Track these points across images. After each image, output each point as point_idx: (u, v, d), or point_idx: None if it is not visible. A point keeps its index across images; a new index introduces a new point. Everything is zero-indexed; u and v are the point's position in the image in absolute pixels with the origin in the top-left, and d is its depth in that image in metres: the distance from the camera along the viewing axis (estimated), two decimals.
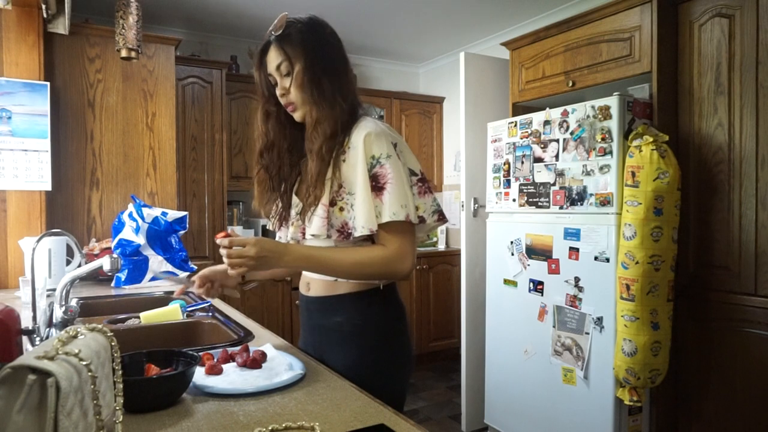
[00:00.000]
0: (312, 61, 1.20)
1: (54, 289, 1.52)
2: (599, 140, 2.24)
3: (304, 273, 1.34)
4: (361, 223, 1.14)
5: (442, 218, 1.23)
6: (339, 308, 1.24)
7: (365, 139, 1.16)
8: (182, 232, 2.47)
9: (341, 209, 1.19)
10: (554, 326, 2.45)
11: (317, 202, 1.18)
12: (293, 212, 1.29)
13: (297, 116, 1.24)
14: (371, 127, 1.18)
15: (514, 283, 2.68)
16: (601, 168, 2.24)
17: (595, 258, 2.27)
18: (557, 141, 2.44)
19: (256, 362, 1.11)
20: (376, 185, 1.15)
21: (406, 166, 1.19)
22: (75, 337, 0.72)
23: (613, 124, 2.19)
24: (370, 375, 1.19)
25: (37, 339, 1.26)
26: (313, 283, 1.29)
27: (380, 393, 1.04)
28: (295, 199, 1.30)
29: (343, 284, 1.23)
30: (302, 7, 3.40)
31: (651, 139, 2.06)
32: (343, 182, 1.18)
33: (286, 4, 3.35)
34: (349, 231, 1.17)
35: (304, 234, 1.24)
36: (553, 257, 2.46)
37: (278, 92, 1.23)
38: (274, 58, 1.22)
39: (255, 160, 1.33)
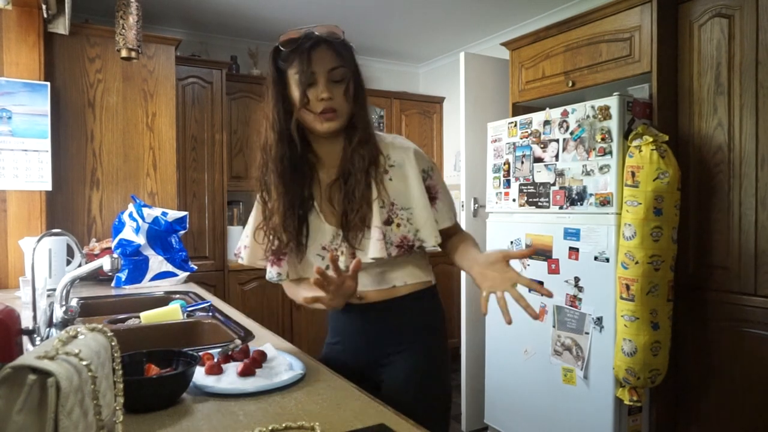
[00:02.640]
0: (360, 77, 1.18)
1: (54, 289, 1.52)
2: (599, 140, 2.24)
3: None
4: (428, 237, 1.17)
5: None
6: (401, 311, 1.23)
7: (415, 155, 1.19)
8: (182, 232, 2.47)
9: (398, 225, 1.18)
10: (554, 326, 2.45)
11: (368, 225, 1.16)
12: (327, 240, 1.21)
13: (329, 126, 1.14)
14: (407, 142, 1.23)
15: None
16: (601, 168, 2.24)
17: (595, 258, 2.27)
18: (557, 141, 2.44)
19: (256, 362, 1.11)
20: (431, 196, 1.20)
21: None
22: (75, 337, 0.72)
23: (613, 124, 2.19)
24: (435, 375, 1.21)
25: (37, 339, 1.26)
26: (369, 295, 1.23)
27: (443, 393, 1.14)
28: (327, 227, 1.21)
29: (401, 287, 1.23)
30: (302, 6, 3.40)
31: (651, 139, 2.06)
32: (394, 200, 1.18)
33: (287, 4, 3.35)
34: (410, 244, 1.18)
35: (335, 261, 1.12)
36: (553, 257, 2.46)
37: (322, 95, 1.11)
38: (329, 59, 1.12)
39: (257, 175, 1.22)
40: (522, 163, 2.64)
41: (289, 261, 1.23)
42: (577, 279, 2.35)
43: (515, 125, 2.68)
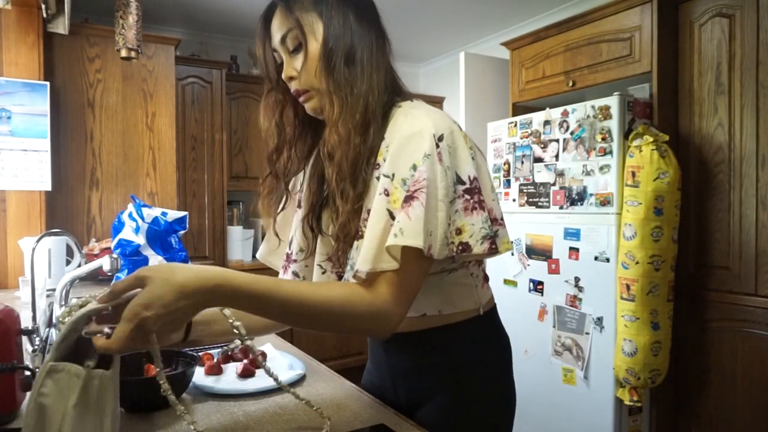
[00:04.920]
0: (334, 30, 0.87)
1: (53, 289, 1.52)
2: (599, 140, 2.24)
3: None
4: (363, 259, 0.78)
5: (493, 248, 0.81)
6: (435, 344, 0.94)
7: (401, 139, 0.82)
8: (182, 232, 2.46)
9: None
10: (554, 326, 2.45)
11: (354, 237, 0.84)
12: (332, 249, 0.94)
13: (309, 106, 0.91)
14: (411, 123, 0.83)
15: (514, 283, 2.68)
16: (601, 168, 2.24)
17: (595, 258, 2.26)
18: (557, 141, 2.44)
19: (255, 362, 1.10)
20: (407, 195, 0.78)
21: (451, 170, 0.80)
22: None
23: (613, 124, 2.19)
24: (475, 425, 0.97)
25: (37, 339, 1.26)
26: None
27: None
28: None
29: (435, 317, 0.92)
30: None
31: (651, 139, 2.06)
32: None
33: None
34: None
35: (340, 278, 0.90)
36: (553, 257, 2.45)
37: (284, 75, 0.90)
38: (278, 26, 0.89)
39: (265, 164, 0.99)
40: (522, 163, 2.64)
41: (299, 270, 0.99)
42: (577, 279, 2.35)
43: (515, 125, 2.68)
